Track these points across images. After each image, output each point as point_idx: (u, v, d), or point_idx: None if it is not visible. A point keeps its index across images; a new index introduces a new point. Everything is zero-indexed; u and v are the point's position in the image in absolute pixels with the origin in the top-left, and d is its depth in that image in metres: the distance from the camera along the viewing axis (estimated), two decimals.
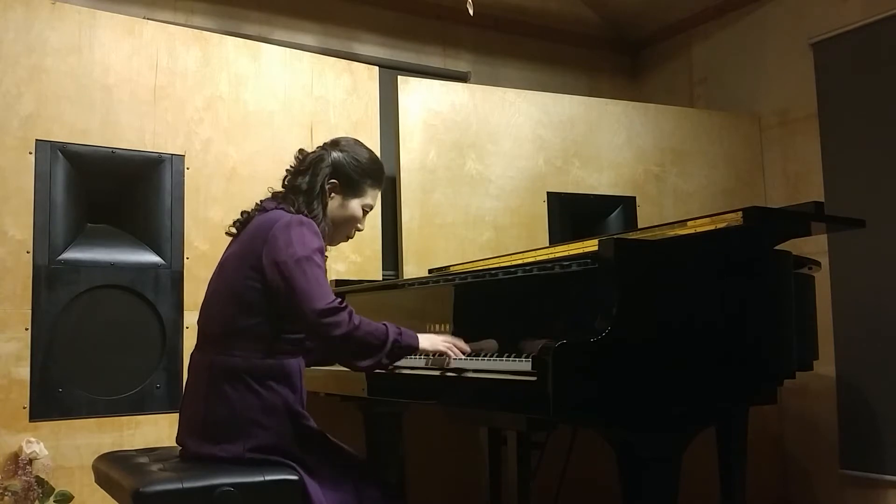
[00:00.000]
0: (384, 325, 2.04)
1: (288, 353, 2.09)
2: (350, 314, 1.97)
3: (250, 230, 2.13)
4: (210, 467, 1.96)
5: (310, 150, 2.27)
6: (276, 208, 2.15)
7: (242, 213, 2.23)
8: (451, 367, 2.15)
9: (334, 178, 2.21)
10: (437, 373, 2.17)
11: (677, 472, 2.00)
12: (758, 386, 2.21)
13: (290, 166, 2.26)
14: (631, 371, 1.87)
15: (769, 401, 2.27)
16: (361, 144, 2.32)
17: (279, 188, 2.30)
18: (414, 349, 2.08)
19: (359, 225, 2.29)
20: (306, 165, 2.21)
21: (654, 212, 3.95)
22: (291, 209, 2.13)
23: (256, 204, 2.23)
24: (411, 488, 3.17)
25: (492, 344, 2.24)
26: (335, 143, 2.27)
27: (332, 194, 2.22)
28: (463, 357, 2.17)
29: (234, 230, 2.22)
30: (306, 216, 2.11)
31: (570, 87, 4.55)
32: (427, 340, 2.12)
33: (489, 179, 3.65)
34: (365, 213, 2.28)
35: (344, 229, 2.27)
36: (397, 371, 2.29)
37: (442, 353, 2.15)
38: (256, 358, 2.03)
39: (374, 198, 2.30)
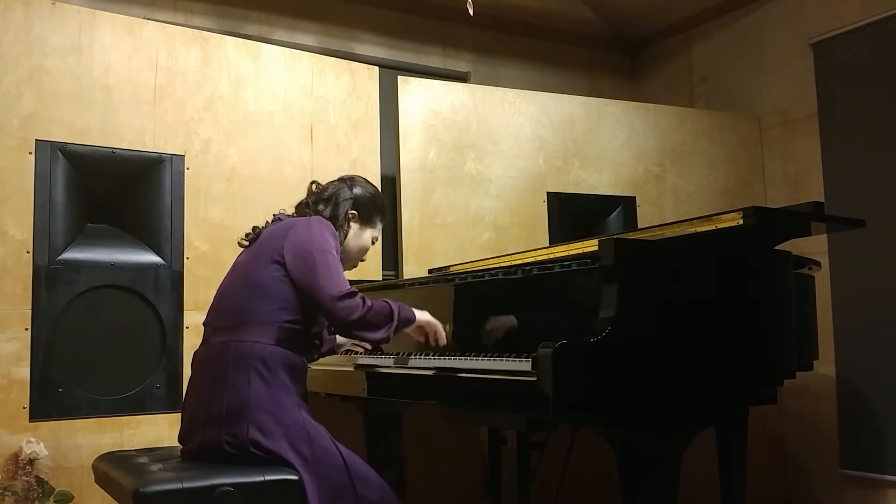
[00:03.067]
0: (385, 302, 2.21)
1: (302, 349, 2.16)
2: (363, 299, 2.14)
3: (267, 233, 2.25)
4: (210, 467, 1.96)
5: (324, 183, 2.45)
6: (291, 217, 2.30)
7: (254, 227, 2.34)
8: (448, 365, 2.16)
9: (354, 210, 2.40)
10: (437, 372, 2.17)
11: (677, 472, 2.00)
12: (758, 386, 2.22)
13: (311, 198, 2.41)
14: (631, 371, 1.87)
15: (769, 401, 2.27)
16: (369, 181, 2.52)
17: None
18: (411, 321, 2.26)
19: (363, 256, 2.49)
20: (328, 195, 2.38)
21: (654, 212, 3.95)
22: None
23: (268, 221, 2.34)
24: (411, 488, 3.17)
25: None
26: (351, 179, 2.46)
27: (351, 224, 2.40)
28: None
29: (246, 242, 2.32)
30: None
31: (570, 87, 4.54)
32: (421, 314, 2.30)
33: (489, 179, 3.65)
34: (372, 243, 2.49)
35: (355, 258, 2.46)
36: (397, 371, 2.29)
37: (433, 325, 2.31)
38: (267, 344, 2.08)
39: (379, 232, 2.52)
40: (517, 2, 4.49)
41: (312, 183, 2.45)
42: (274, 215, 2.35)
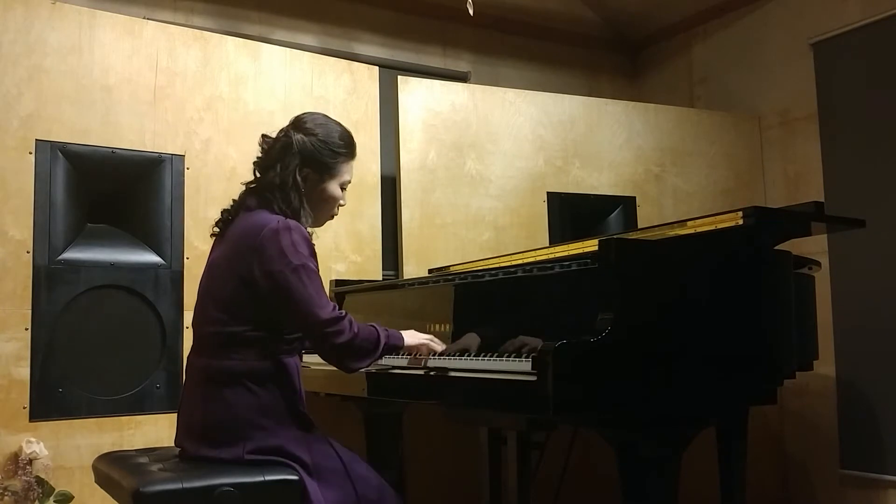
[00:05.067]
0: (373, 327, 2.07)
1: (285, 353, 2.08)
2: (350, 322, 2.00)
3: (237, 233, 2.08)
4: (210, 467, 1.95)
5: (273, 135, 2.19)
6: (258, 207, 2.10)
7: (223, 211, 2.18)
8: (448, 365, 2.16)
9: (306, 167, 2.12)
10: (437, 373, 2.17)
11: (677, 472, 2.00)
12: (758, 386, 2.22)
13: (259, 155, 2.19)
14: (631, 371, 1.87)
15: (769, 401, 2.27)
16: (329, 119, 2.24)
17: None
18: (399, 348, 2.15)
19: (341, 202, 2.24)
20: (274, 157, 2.13)
21: (654, 212, 3.95)
22: (275, 208, 2.08)
23: (234, 201, 2.18)
24: (411, 488, 3.17)
25: (473, 339, 2.25)
26: (299, 126, 2.17)
27: (306, 183, 2.13)
28: (440, 356, 2.22)
29: (216, 230, 2.19)
30: (290, 215, 2.07)
31: (570, 87, 4.54)
32: (409, 336, 2.18)
33: (489, 179, 3.65)
34: (344, 189, 2.22)
35: (327, 211, 2.22)
36: (397, 371, 2.29)
37: (422, 349, 2.21)
38: (254, 360, 2.02)
39: (350, 172, 2.23)
40: (517, 2, 4.49)
41: (262, 136, 2.19)
42: (243, 198, 2.15)
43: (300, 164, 2.12)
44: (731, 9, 4.39)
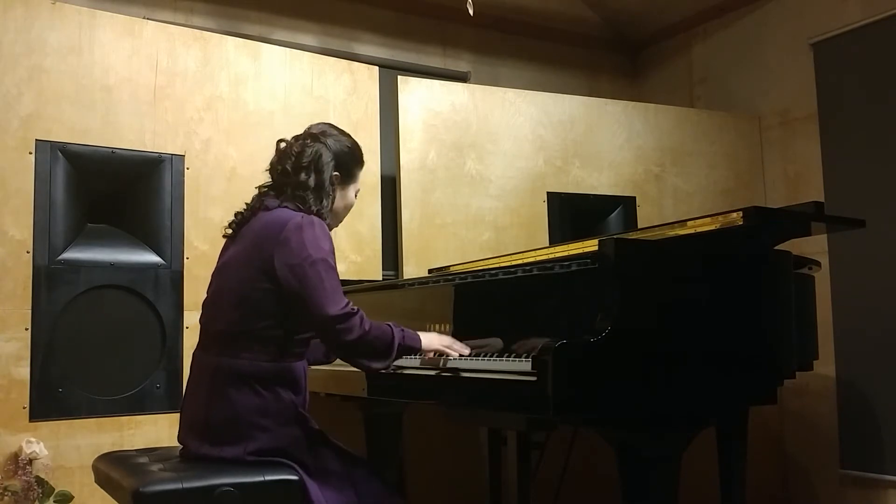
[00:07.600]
0: (389, 326, 2.07)
1: (294, 357, 2.09)
2: (361, 318, 2.00)
3: (255, 230, 2.09)
4: (210, 467, 1.96)
5: (295, 143, 2.21)
6: (279, 207, 2.11)
7: (237, 213, 2.19)
8: (448, 365, 2.15)
9: (336, 171, 2.22)
10: (437, 373, 2.17)
11: (677, 472, 2.00)
12: (758, 386, 2.21)
13: (287, 162, 2.18)
14: (631, 371, 1.87)
15: (769, 401, 2.26)
16: (340, 130, 2.32)
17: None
18: (416, 350, 2.12)
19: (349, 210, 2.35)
20: (308, 161, 2.17)
21: (654, 212, 3.95)
22: (300, 206, 2.10)
23: (248, 204, 2.19)
24: (411, 488, 3.17)
25: (496, 342, 2.24)
26: (324, 135, 2.24)
27: (334, 186, 2.22)
28: (460, 357, 2.17)
29: (229, 231, 2.19)
30: (315, 214, 2.10)
31: (570, 87, 4.54)
32: (427, 339, 2.15)
33: (489, 179, 3.65)
34: (356, 197, 2.34)
35: (341, 217, 2.32)
36: (398, 371, 2.29)
37: (440, 353, 2.17)
38: (263, 362, 2.02)
39: (359, 183, 2.36)
40: (517, 2, 4.49)
41: (280, 141, 2.24)
42: (261, 199, 2.16)
43: (334, 168, 2.21)
44: (731, 9, 4.39)
